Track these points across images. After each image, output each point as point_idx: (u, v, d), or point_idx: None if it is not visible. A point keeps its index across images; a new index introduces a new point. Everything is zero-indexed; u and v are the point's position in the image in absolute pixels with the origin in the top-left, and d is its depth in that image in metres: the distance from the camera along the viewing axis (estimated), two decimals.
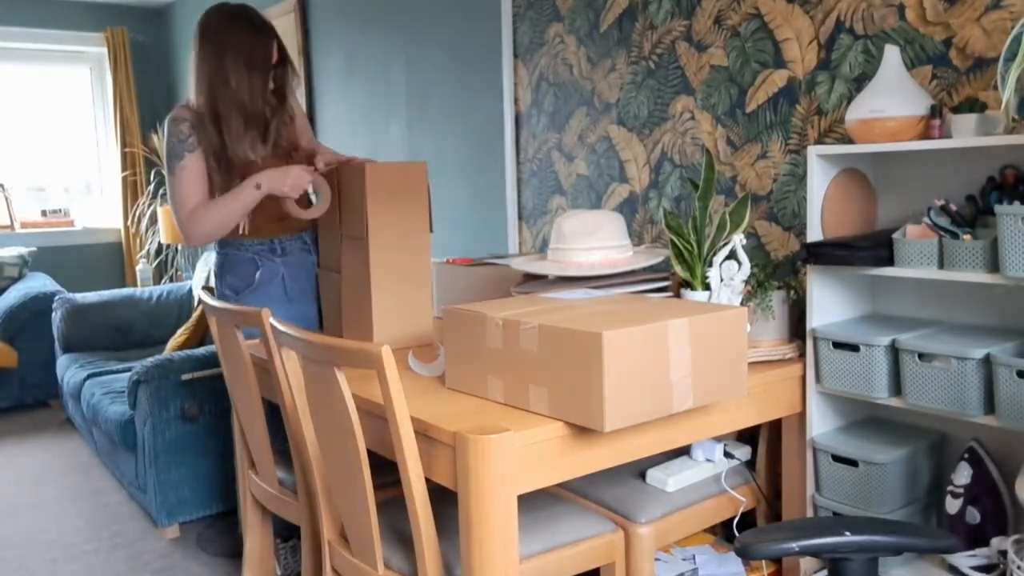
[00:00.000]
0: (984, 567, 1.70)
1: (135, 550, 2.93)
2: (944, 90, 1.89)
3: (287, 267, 2.48)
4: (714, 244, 1.96)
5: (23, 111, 5.95)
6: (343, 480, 1.68)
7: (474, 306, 1.74)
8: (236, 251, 2.44)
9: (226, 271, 2.46)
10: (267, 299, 2.44)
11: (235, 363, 2.16)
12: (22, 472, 3.79)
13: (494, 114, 3.22)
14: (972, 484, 1.75)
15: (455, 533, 1.70)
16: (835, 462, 1.88)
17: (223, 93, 2.27)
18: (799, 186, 2.21)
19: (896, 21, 1.96)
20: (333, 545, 1.83)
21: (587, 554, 1.74)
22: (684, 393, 1.57)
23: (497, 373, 1.64)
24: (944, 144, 1.62)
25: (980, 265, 1.59)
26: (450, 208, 3.51)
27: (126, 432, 3.09)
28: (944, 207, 1.66)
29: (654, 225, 2.64)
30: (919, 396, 1.71)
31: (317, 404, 1.70)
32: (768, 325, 1.98)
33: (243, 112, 2.30)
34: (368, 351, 1.47)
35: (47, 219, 5.94)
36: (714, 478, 2.01)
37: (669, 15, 2.51)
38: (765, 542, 1.30)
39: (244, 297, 2.44)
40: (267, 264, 2.45)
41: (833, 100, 2.11)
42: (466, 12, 3.30)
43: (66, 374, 4.14)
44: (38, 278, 5.11)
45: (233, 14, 2.32)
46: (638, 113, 2.64)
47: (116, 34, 5.90)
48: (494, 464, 1.44)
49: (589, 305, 1.72)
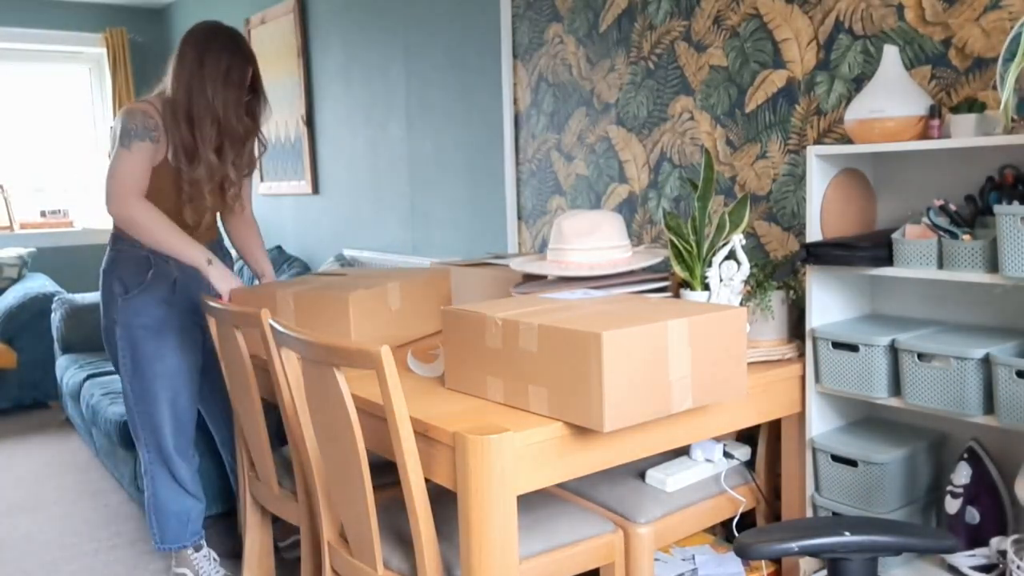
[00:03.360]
0: (984, 567, 1.71)
1: (135, 551, 2.93)
2: (943, 90, 1.89)
3: (181, 272, 2.44)
4: (713, 244, 1.96)
5: (22, 112, 5.95)
6: (343, 481, 1.68)
7: (474, 306, 1.74)
8: (131, 248, 2.40)
9: (118, 266, 2.42)
10: (157, 300, 2.41)
11: (235, 363, 2.16)
12: (21, 473, 3.79)
13: (493, 114, 3.22)
14: (971, 484, 1.75)
15: (455, 533, 1.70)
16: (835, 462, 1.88)
17: (199, 100, 2.32)
18: (798, 186, 2.21)
19: (895, 21, 1.97)
20: (333, 545, 1.83)
21: (587, 554, 1.74)
22: (683, 393, 1.57)
23: (497, 373, 1.64)
24: (943, 144, 1.62)
25: (979, 265, 1.59)
26: (450, 208, 3.51)
27: (125, 433, 3.09)
28: (943, 207, 1.66)
29: (654, 225, 2.64)
30: (918, 396, 1.71)
31: (316, 405, 1.70)
32: (767, 325, 1.98)
33: (216, 121, 2.35)
34: (368, 351, 1.47)
35: (46, 220, 5.94)
36: (714, 478, 2.01)
37: (668, 15, 2.51)
38: (765, 542, 1.30)
39: (133, 296, 2.39)
40: (160, 265, 2.42)
41: (832, 100, 2.11)
42: (465, 12, 3.30)
43: (65, 375, 4.14)
44: (37, 279, 5.11)
45: (219, 31, 2.40)
46: (637, 113, 2.64)
47: (115, 35, 5.90)
48: (494, 464, 1.44)
49: (589, 305, 1.72)
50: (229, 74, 2.35)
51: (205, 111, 2.33)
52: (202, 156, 2.35)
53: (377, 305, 2.11)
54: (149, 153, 2.30)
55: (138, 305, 2.39)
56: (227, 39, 2.38)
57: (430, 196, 3.62)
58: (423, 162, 3.64)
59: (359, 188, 4.14)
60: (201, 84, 2.32)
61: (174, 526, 2.51)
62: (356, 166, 4.15)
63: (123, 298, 2.40)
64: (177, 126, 2.32)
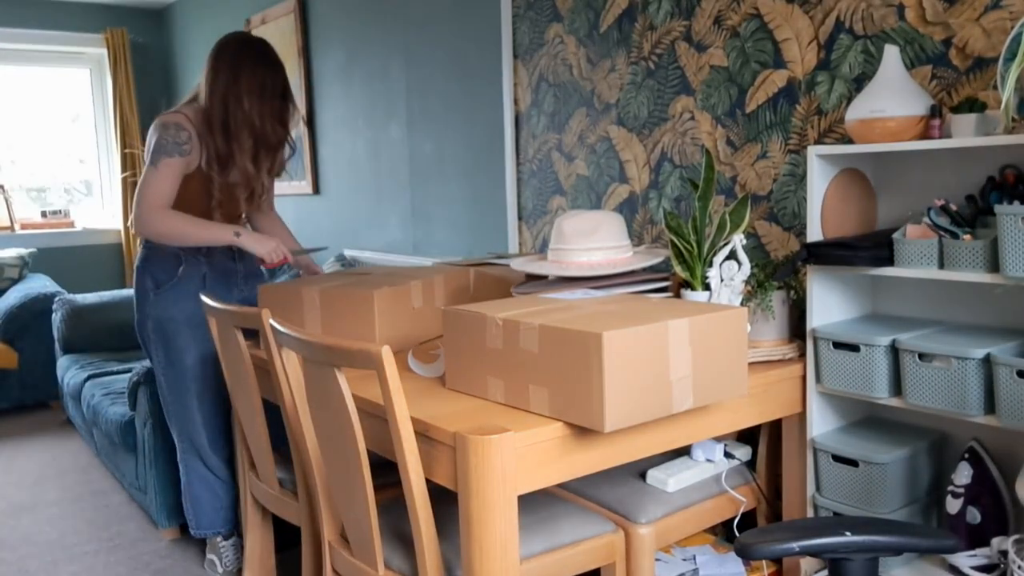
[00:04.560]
0: (984, 567, 1.70)
1: (135, 551, 2.93)
2: (944, 90, 1.89)
3: (211, 267, 2.57)
4: (714, 244, 1.96)
5: (23, 112, 5.95)
6: (343, 480, 1.68)
7: (474, 306, 1.74)
8: (162, 246, 2.51)
9: (150, 264, 2.54)
10: (187, 295, 2.52)
11: (235, 364, 2.16)
12: (22, 473, 3.79)
13: (494, 114, 3.22)
14: (972, 484, 1.75)
15: (455, 533, 1.70)
16: (835, 462, 1.87)
17: (236, 113, 2.42)
18: (799, 186, 2.21)
19: (896, 21, 1.96)
20: (333, 545, 1.83)
21: (587, 554, 1.74)
22: (684, 393, 1.57)
23: (497, 373, 1.64)
24: (944, 144, 1.62)
25: (980, 265, 1.59)
26: (450, 208, 3.51)
27: (126, 433, 3.09)
28: (944, 207, 1.66)
29: (654, 225, 2.64)
30: (919, 396, 1.71)
31: (317, 405, 1.70)
32: (768, 325, 1.98)
33: (252, 132, 2.46)
34: (368, 351, 1.47)
35: (47, 220, 5.94)
36: (714, 478, 2.01)
37: (669, 15, 2.51)
38: (766, 542, 1.30)
39: (164, 291, 2.51)
40: (190, 260, 2.53)
41: (833, 100, 2.11)
42: (466, 12, 3.30)
43: (66, 375, 4.14)
44: (38, 279, 5.11)
45: (250, 42, 2.50)
46: (638, 113, 2.64)
47: (116, 35, 5.90)
48: (494, 464, 1.44)
49: (589, 305, 1.72)
50: (264, 87, 2.45)
51: (242, 123, 2.43)
52: (238, 164, 2.46)
53: (401, 303, 2.14)
54: (177, 167, 2.40)
55: (169, 300, 2.51)
56: (260, 52, 2.49)
57: (431, 196, 3.62)
58: (424, 162, 3.64)
59: (360, 188, 4.14)
60: (237, 98, 2.41)
61: (208, 512, 2.64)
62: (356, 166, 4.15)
63: (155, 293, 2.52)
64: (212, 136, 2.43)
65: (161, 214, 2.36)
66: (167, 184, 2.38)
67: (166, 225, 2.36)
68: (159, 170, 2.37)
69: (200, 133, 2.42)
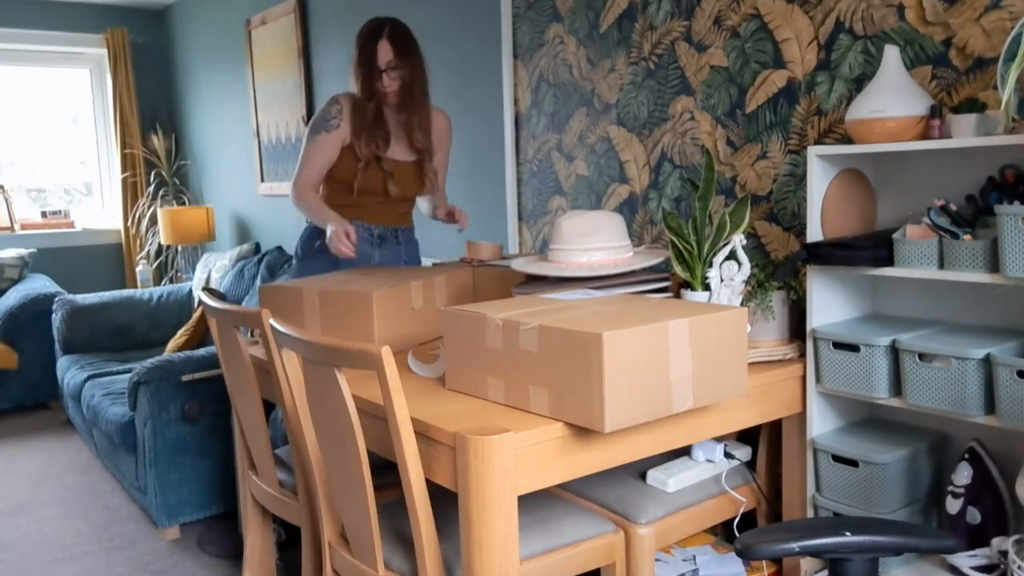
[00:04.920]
0: (985, 567, 1.70)
1: (135, 551, 2.93)
2: (944, 90, 1.89)
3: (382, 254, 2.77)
4: (714, 244, 1.96)
5: (23, 113, 5.95)
6: (343, 481, 1.68)
7: (474, 307, 1.74)
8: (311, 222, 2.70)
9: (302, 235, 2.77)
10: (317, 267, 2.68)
11: (235, 364, 2.16)
12: (22, 474, 3.79)
13: (494, 114, 3.22)
14: (972, 484, 1.75)
15: (455, 534, 1.70)
16: (835, 462, 1.87)
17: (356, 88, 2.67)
18: (799, 186, 2.21)
19: (896, 21, 1.96)
20: (333, 546, 1.83)
21: (587, 554, 1.74)
22: (684, 393, 1.57)
23: (497, 374, 1.64)
24: (944, 144, 1.62)
25: (980, 265, 1.59)
26: None
27: (126, 433, 3.09)
28: (944, 207, 1.66)
29: (654, 225, 2.64)
30: (919, 396, 1.71)
31: (317, 405, 1.70)
32: (768, 325, 1.98)
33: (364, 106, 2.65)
34: (368, 352, 1.47)
35: (47, 220, 5.94)
36: (714, 478, 2.01)
37: (669, 15, 2.51)
38: (766, 542, 1.30)
39: (301, 260, 2.75)
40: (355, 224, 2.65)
41: (833, 100, 2.11)
42: (466, 12, 3.30)
43: (66, 375, 4.14)
44: (38, 279, 5.11)
45: (364, 25, 2.66)
46: (638, 114, 2.64)
47: (116, 35, 5.89)
48: (494, 465, 1.44)
49: (589, 306, 1.72)
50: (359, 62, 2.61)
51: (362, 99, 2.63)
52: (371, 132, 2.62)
53: (401, 303, 2.14)
54: (326, 143, 2.61)
55: (303, 268, 2.75)
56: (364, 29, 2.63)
57: None
58: None
59: None
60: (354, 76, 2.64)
61: None
62: None
63: (297, 260, 2.79)
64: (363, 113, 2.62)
65: (296, 193, 2.61)
66: (313, 159, 2.60)
67: (302, 202, 2.61)
68: (307, 148, 2.62)
69: (354, 110, 2.61)
